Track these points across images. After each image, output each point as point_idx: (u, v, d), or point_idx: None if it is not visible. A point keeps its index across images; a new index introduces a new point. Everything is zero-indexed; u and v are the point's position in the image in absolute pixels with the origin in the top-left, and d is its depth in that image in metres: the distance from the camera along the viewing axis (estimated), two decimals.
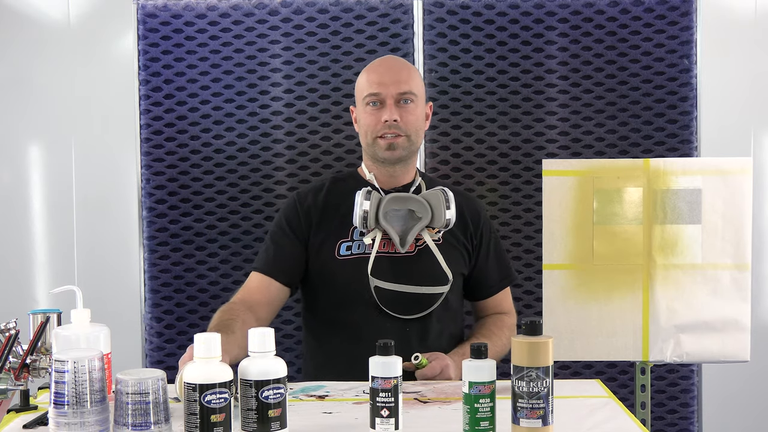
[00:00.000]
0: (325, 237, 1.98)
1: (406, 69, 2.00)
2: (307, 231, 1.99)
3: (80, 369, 1.27)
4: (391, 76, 1.95)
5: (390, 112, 1.93)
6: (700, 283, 1.98)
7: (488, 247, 2.06)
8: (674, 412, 2.42)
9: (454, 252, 1.99)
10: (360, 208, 1.90)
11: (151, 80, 2.41)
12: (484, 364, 1.31)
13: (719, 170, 1.98)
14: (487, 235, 2.06)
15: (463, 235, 2.02)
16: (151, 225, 2.41)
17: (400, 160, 1.98)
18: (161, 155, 2.41)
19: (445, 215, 1.90)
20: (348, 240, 1.97)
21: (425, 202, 1.93)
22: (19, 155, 2.93)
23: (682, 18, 2.38)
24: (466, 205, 2.05)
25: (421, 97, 2.01)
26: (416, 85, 1.99)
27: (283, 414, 1.30)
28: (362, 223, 1.90)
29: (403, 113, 1.95)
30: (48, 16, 2.90)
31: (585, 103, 2.40)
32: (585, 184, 1.99)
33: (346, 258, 1.96)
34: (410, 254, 1.96)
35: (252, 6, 2.40)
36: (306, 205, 2.02)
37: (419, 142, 2.02)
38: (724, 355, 1.99)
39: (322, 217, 2.00)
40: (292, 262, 1.99)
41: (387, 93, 1.94)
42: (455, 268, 1.98)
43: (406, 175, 2.04)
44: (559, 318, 1.99)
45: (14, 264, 2.93)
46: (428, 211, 1.92)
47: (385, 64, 2.01)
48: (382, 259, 1.94)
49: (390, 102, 1.94)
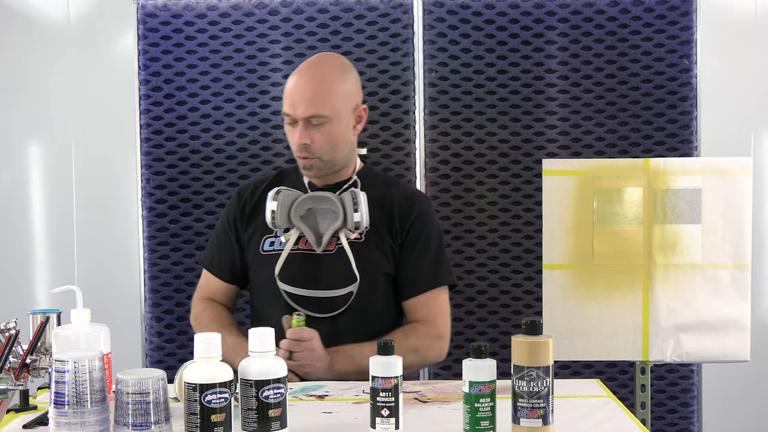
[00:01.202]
0: (254, 231, 2.00)
1: (320, 86, 1.89)
2: (241, 226, 2.02)
3: (80, 369, 1.27)
4: (300, 98, 1.88)
5: (300, 136, 1.89)
6: (700, 282, 1.98)
7: (414, 245, 1.96)
8: (674, 412, 2.42)
9: (374, 252, 1.94)
10: (268, 209, 1.91)
11: (151, 80, 2.41)
12: (484, 363, 1.31)
13: (719, 170, 1.98)
14: (417, 232, 1.97)
15: (388, 233, 1.96)
16: (151, 225, 2.41)
17: (320, 177, 1.98)
18: (161, 155, 2.41)
19: (353, 218, 1.88)
20: (272, 236, 1.97)
21: (338, 202, 1.91)
22: (19, 155, 2.93)
23: (682, 18, 2.38)
24: (399, 204, 1.98)
25: (341, 111, 1.91)
26: (332, 103, 1.89)
27: (283, 414, 1.30)
28: (271, 223, 1.91)
29: (315, 135, 1.89)
30: (48, 16, 2.90)
31: (585, 103, 2.40)
32: (585, 184, 1.99)
33: (268, 254, 1.96)
34: (329, 252, 1.93)
35: (252, 6, 2.40)
36: (243, 200, 2.04)
37: (340, 156, 1.95)
38: (724, 355, 1.99)
39: (254, 211, 2.01)
40: (231, 260, 2.03)
41: (296, 115, 1.89)
42: (375, 269, 1.93)
43: (341, 175, 2.00)
44: (559, 318, 1.99)
45: (14, 264, 2.93)
46: (341, 212, 1.90)
47: (301, 81, 1.91)
48: (297, 257, 1.93)
49: (301, 124, 1.89)
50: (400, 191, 2.03)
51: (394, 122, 2.40)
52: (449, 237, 2.41)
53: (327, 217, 1.92)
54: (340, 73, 1.94)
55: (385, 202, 1.98)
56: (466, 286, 2.42)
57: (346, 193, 1.92)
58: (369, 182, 2.01)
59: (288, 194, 1.92)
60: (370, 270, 1.93)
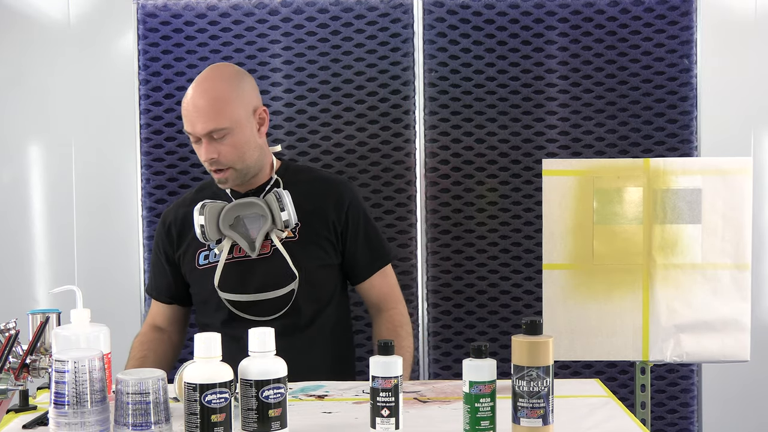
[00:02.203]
0: (186, 248, 2.02)
1: (213, 100, 1.89)
2: (170, 248, 2.05)
3: (80, 369, 1.27)
4: (197, 115, 1.88)
5: (206, 152, 1.90)
6: (700, 282, 1.98)
7: (356, 231, 2.02)
8: (674, 412, 2.42)
9: (311, 247, 1.97)
10: (197, 224, 1.92)
11: (151, 80, 2.41)
12: (484, 363, 1.31)
13: (719, 170, 1.98)
14: (354, 218, 2.02)
15: (323, 226, 1.99)
16: (151, 225, 2.41)
17: (239, 185, 1.98)
18: (161, 155, 2.41)
19: (281, 217, 1.90)
20: (205, 249, 1.99)
21: (264, 204, 1.92)
22: (19, 155, 2.93)
23: (682, 18, 2.38)
24: (328, 194, 2.02)
25: (240, 120, 1.91)
26: (228, 114, 1.89)
27: (283, 414, 1.30)
28: (203, 237, 1.93)
29: (220, 147, 1.89)
30: (48, 16, 2.90)
31: (585, 103, 2.40)
32: (585, 184, 1.99)
33: (205, 267, 1.98)
34: (265, 255, 1.95)
35: (252, 6, 2.40)
36: (167, 223, 2.06)
37: (252, 160, 1.95)
38: (724, 355, 1.99)
39: (182, 230, 2.03)
40: (169, 282, 2.06)
41: (196, 132, 1.89)
42: (312, 263, 1.96)
43: (260, 177, 2.01)
44: (559, 318, 1.99)
45: (14, 264, 2.93)
46: (268, 213, 1.92)
47: (194, 98, 1.90)
48: (234, 265, 1.95)
49: (204, 140, 1.89)
50: (324, 182, 2.06)
51: (394, 122, 2.40)
52: (449, 237, 2.41)
53: (256, 221, 1.93)
54: (231, 83, 1.93)
55: (312, 195, 2.00)
56: (466, 286, 2.42)
57: (269, 195, 1.94)
58: (291, 178, 2.03)
59: (213, 206, 1.93)
60: (308, 265, 1.95)
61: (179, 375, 1.52)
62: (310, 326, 1.97)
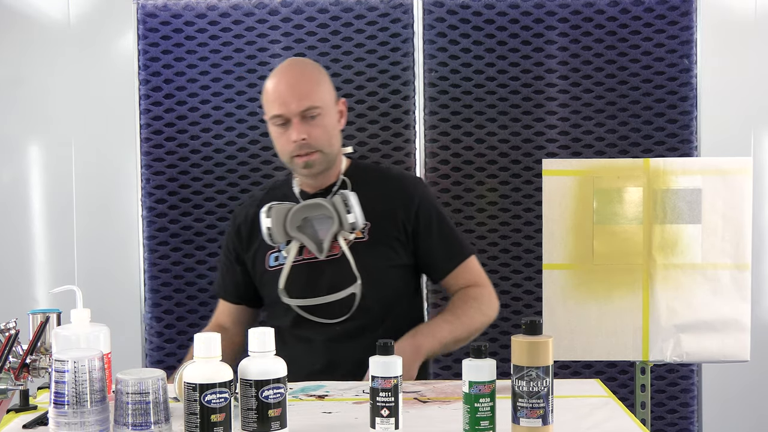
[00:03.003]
0: (257, 249, 2.02)
1: (306, 80, 1.92)
2: (240, 248, 2.04)
3: (80, 369, 1.27)
4: (291, 94, 1.89)
5: (297, 132, 1.89)
6: (700, 282, 1.98)
7: (429, 230, 1.99)
8: (674, 412, 2.42)
9: (380, 247, 1.96)
10: (264, 226, 1.92)
11: (151, 80, 2.41)
12: (483, 363, 1.31)
13: (719, 170, 1.98)
14: (426, 216, 1.99)
15: (393, 226, 1.97)
16: (151, 225, 2.41)
17: (320, 174, 1.97)
18: (161, 155, 2.41)
19: (348, 220, 1.89)
20: (276, 251, 1.98)
21: (330, 206, 1.91)
22: (19, 155, 2.93)
23: (682, 18, 2.38)
24: (397, 193, 2.00)
25: (329, 104, 1.94)
26: (320, 94, 1.92)
27: (283, 414, 1.30)
28: (269, 240, 1.93)
29: (311, 129, 1.89)
30: (48, 16, 2.90)
31: (585, 103, 2.40)
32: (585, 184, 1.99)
33: (276, 268, 1.97)
34: (334, 257, 1.94)
35: (252, 6, 2.40)
36: (237, 223, 2.06)
37: (335, 148, 1.97)
38: (724, 355, 1.99)
39: (252, 231, 2.02)
40: (237, 282, 2.06)
41: (290, 112, 1.89)
42: (380, 264, 1.95)
43: (329, 178, 2.00)
44: (559, 318, 1.99)
45: (14, 264, 2.93)
46: (335, 215, 1.90)
47: (286, 79, 1.92)
48: (302, 268, 1.95)
49: (296, 120, 1.89)
50: (394, 181, 2.04)
51: (394, 122, 2.40)
52: None
53: (324, 223, 1.92)
54: (318, 70, 1.98)
55: (382, 195, 1.99)
56: None
57: (336, 196, 1.93)
58: (360, 179, 2.01)
59: (280, 208, 1.93)
60: (375, 266, 1.94)
61: (179, 375, 1.52)
62: (378, 328, 1.93)
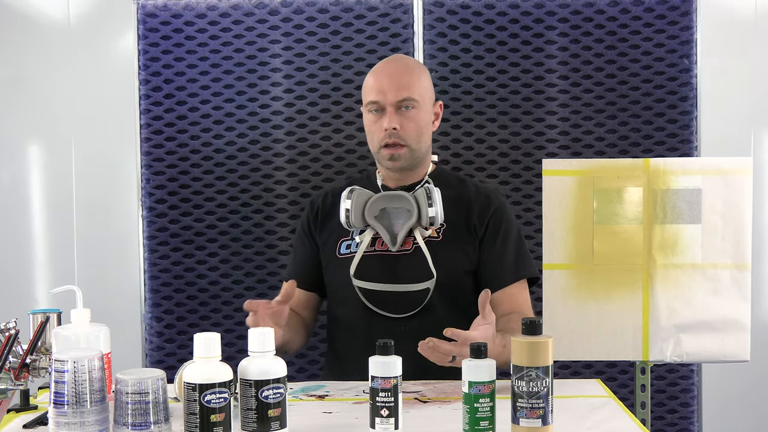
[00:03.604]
0: (329, 236, 2.02)
1: (408, 73, 1.96)
2: (315, 232, 2.05)
3: (80, 369, 1.27)
4: (390, 83, 1.93)
5: (390, 120, 1.91)
6: (700, 282, 1.98)
7: (495, 237, 1.99)
8: (674, 412, 2.42)
9: (453, 248, 1.96)
10: (343, 208, 1.92)
11: (151, 80, 2.41)
12: (483, 363, 1.31)
13: (719, 170, 1.98)
14: (496, 225, 2.00)
15: (466, 230, 1.98)
16: (151, 225, 2.41)
17: (404, 169, 1.99)
18: (161, 155, 2.41)
19: (428, 213, 1.89)
20: (348, 239, 1.99)
21: (412, 200, 1.91)
22: (19, 155, 2.93)
23: (682, 18, 2.38)
24: (476, 198, 2.02)
25: (427, 100, 1.98)
26: (419, 89, 1.95)
27: (282, 414, 1.30)
28: (346, 222, 1.93)
29: (404, 120, 1.92)
30: (48, 16, 2.90)
31: (585, 103, 2.40)
32: (585, 184, 1.99)
33: (346, 256, 1.97)
34: (406, 252, 1.94)
35: (252, 6, 2.40)
36: (315, 207, 2.07)
37: (424, 147, 1.99)
38: (724, 355, 1.99)
39: (328, 216, 2.04)
40: (311, 268, 2.04)
41: (386, 100, 1.92)
42: (453, 266, 1.94)
43: (414, 177, 2.02)
44: (559, 318, 1.99)
45: (14, 264, 2.93)
46: (415, 209, 1.91)
47: (387, 69, 1.97)
48: (373, 258, 1.94)
49: (390, 109, 1.92)
50: (475, 188, 2.06)
51: None
52: None
53: (401, 216, 1.92)
54: (421, 67, 2.02)
55: (460, 199, 2.00)
56: None
57: (419, 190, 1.93)
58: (442, 182, 2.01)
59: (361, 193, 1.93)
60: (449, 267, 1.93)
61: (179, 375, 1.52)
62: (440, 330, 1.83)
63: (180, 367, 1.52)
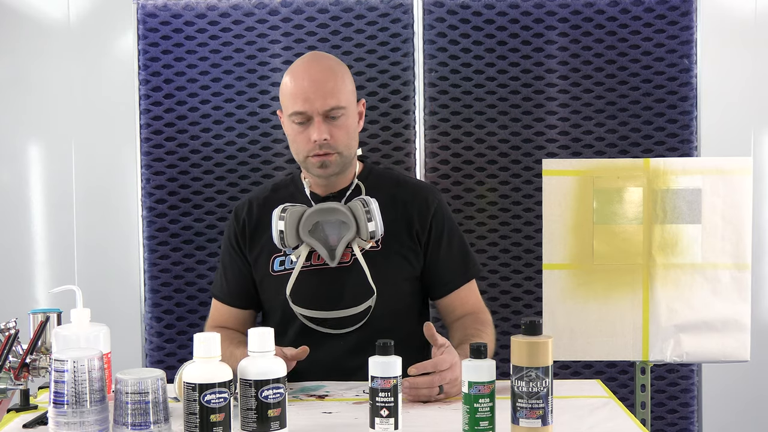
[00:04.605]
0: (260, 252, 1.91)
1: (332, 77, 1.82)
2: (245, 246, 1.93)
3: (80, 369, 1.27)
4: (316, 90, 1.79)
5: (319, 132, 1.79)
6: (700, 282, 1.98)
7: (439, 241, 1.91)
8: (674, 412, 2.42)
9: (395, 258, 1.88)
10: (276, 228, 1.81)
11: (151, 80, 2.41)
12: (483, 363, 1.31)
13: (719, 170, 1.98)
14: (439, 227, 1.91)
15: (407, 236, 1.89)
16: (151, 225, 2.41)
17: (334, 175, 1.88)
18: (161, 155, 2.41)
19: (368, 228, 1.79)
20: (281, 254, 1.89)
21: (349, 213, 1.81)
22: (19, 155, 2.93)
23: (682, 18, 2.38)
24: (413, 201, 1.92)
25: (352, 105, 1.86)
26: (344, 94, 1.83)
27: (282, 414, 1.30)
28: (280, 243, 1.82)
29: (333, 130, 1.80)
30: (48, 16, 2.90)
31: (585, 103, 2.40)
32: (585, 184, 1.99)
33: (280, 273, 1.88)
34: (345, 264, 1.85)
35: (252, 6, 2.40)
36: (241, 221, 1.94)
37: (353, 151, 1.88)
38: (724, 355, 1.99)
39: (255, 231, 1.93)
40: (243, 285, 1.94)
41: (313, 110, 1.79)
42: (395, 276, 1.87)
43: (343, 180, 1.91)
44: (559, 318, 1.99)
45: (14, 264, 2.93)
46: (353, 222, 1.81)
47: (309, 74, 1.81)
48: (311, 274, 1.85)
49: (318, 119, 1.79)
50: (410, 188, 1.96)
51: (394, 122, 2.40)
52: None
53: (335, 228, 1.83)
54: (342, 68, 1.88)
55: (396, 202, 1.91)
56: None
57: (355, 202, 1.83)
58: (374, 184, 1.93)
59: (294, 210, 1.82)
60: (390, 278, 1.86)
61: (179, 375, 1.52)
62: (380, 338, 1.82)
63: (180, 367, 1.52)
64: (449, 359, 1.58)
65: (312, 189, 1.92)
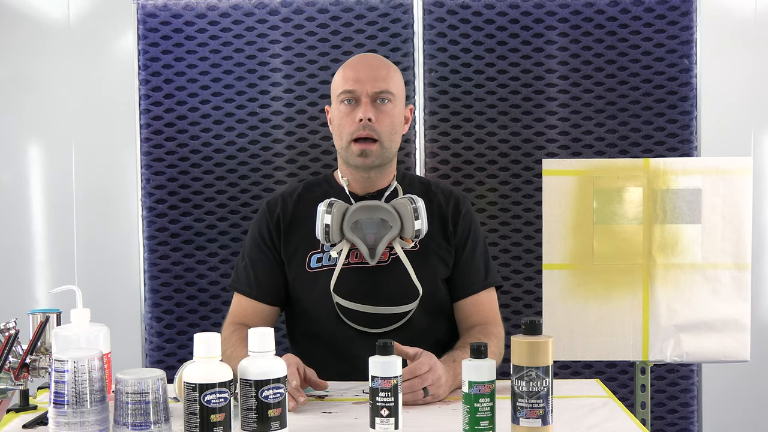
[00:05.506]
0: (295, 248, 1.91)
1: (385, 67, 1.89)
2: (279, 244, 1.92)
3: (80, 369, 1.27)
4: (368, 73, 1.84)
5: (365, 110, 1.82)
6: (700, 282, 1.98)
7: (465, 243, 1.93)
8: (674, 412, 2.42)
9: (432, 258, 1.89)
10: (321, 222, 1.80)
11: (151, 80, 2.41)
12: (483, 363, 1.31)
13: (719, 170, 1.98)
14: (466, 230, 1.93)
15: (443, 237, 1.91)
16: (151, 225, 2.41)
17: (373, 168, 1.88)
18: (161, 155, 2.41)
19: (414, 226, 1.80)
20: (318, 251, 1.89)
21: (394, 211, 1.82)
22: (19, 155, 2.93)
23: (682, 18, 2.38)
24: (446, 202, 1.95)
25: (400, 98, 1.90)
26: (395, 84, 1.87)
27: (282, 414, 1.30)
28: (325, 238, 1.81)
29: (379, 114, 1.83)
30: (48, 16, 2.90)
31: (585, 103, 2.40)
32: (585, 184, 1.99)
33: (317, 270, 1.88)
34: (383, 264, 1.86)
35: (252, 6, 2.40)
36: (276, 215, 1.93)
37: (395, 147, 1.90)
38: (724, 355, 1.99)
39: (291, 227, 1.92)
40: (273, 280, 1.92)
41: (362, 90, 1.83)
42: (433, 276, 1.89)
43: (382, 180, 1.93)
44: (559, 318, 1.99)
45: (14, 264, 2.93)
46: (397, 221, 1.81)
47: (364, 61, 1.90)
48: (350, 272, 1.86)
49: (365, 100, 1.83)
50: (441, 191, 1.97)
51: None
52: None
53: (374, 227, 1.82)
54: (396, 67, 1.94)
55: (432, 204, 1.92)
56: None
57: (402, 201, 1.83)
58: (408, 188, 1.94)
59: (341, 206, 1.82)
60: (429, 278, 1.87)
61: (179, 375, 1.52)
62: (423, 341, 1.74)
63: (180, 367, 1.52)
64: (426, 361, 1.58)
65: (351, 188, 1.92)
